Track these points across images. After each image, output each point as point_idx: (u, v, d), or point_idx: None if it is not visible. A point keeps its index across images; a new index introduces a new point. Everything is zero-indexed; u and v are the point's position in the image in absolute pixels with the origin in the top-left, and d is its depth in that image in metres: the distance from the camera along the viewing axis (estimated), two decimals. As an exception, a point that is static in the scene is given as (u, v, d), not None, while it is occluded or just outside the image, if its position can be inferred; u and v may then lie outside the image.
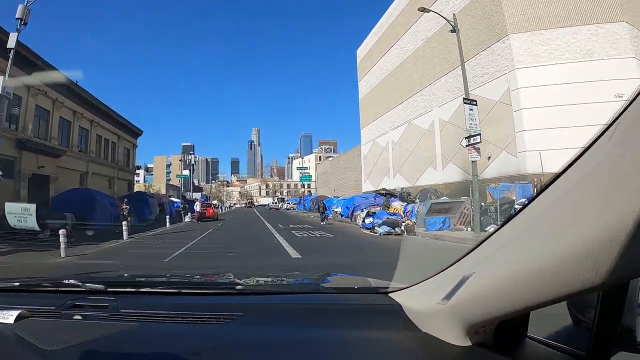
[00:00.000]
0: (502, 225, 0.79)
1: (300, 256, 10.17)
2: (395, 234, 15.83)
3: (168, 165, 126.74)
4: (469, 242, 10.18)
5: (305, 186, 64.40)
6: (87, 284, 1.49)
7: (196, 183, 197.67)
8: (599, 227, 0.51)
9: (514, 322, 0.86)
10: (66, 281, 1.58)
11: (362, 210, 22.78)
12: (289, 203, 71.94)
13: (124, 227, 15.76)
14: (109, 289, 1.43)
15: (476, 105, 14.92)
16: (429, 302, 0.99)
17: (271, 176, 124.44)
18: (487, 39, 22.41)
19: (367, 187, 39.82)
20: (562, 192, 0.62)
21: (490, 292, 0.75)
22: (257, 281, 1.84)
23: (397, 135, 33.94)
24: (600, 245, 0.51)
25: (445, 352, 0.90)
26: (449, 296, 0.88)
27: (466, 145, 14.57)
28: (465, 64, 16.08)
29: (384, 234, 16.01)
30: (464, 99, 15.09)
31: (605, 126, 0.56)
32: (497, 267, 0.74)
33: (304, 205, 55.20)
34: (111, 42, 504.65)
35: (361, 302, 1.32)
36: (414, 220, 17.78)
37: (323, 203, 27.49)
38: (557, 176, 0.64)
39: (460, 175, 22.82)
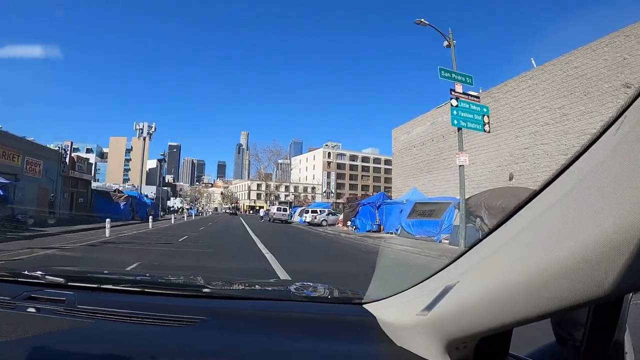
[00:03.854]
0: (489, 233, 0.73)
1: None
2: None
3: (128, 151, 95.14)
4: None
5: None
6: (46, 276, 1.44)
7: (182, 184, 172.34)
8: (599, 233, 0.47)
9: (496, 339, 0.81)
10: (26, 272, 1.52)
11: None
12: (314, 212, 37.07)
13: None
14: (69, 283, 1.37)
15: None
16: (407, 313, 0.93)
17: (259, 178, 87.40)
18: None
19: None
20: (557, 197, 0.57)
21: (476, 304, 0.70)
22: (226, 285, 1.77)
23: None
24: (601, 253, 0.47)
25: None
26: (429, 307, 0.83)
27: None
28: None
29: None
30: None
31: (608, 123, 0.51)
32: (483, 277, 0.69)
33: (402, 225, 20.88)
34: (110, 32, 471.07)
35: (334, 313, 1.27)
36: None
37: None
38: (552, 180, 0.60)
39: None
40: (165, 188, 77.37)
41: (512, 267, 0.61)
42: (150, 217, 24.73)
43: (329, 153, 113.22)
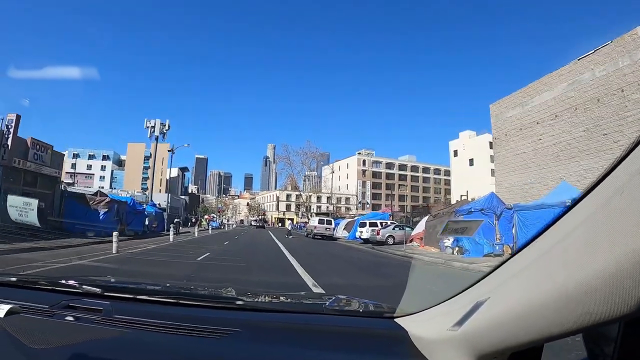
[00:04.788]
0: (521, 248, 0.75)
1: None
2: None
3: (147, 158, 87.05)
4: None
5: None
6: (83, 286, 1.45)
7: (209, 196, 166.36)
8: (629, 249, 0.48)
9: (527, 355, 0.80)
10: (63, 281, 1.55)
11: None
12: (374, 225, 26.19)
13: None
14: (105, 293, 1.39)
15: None
16: (439, 328, 0.93)
17: (291, 185, 73.76)
18: None
19: None
20: (588, 213, 0.59)
21: (506, 319, 0.70)
22: (259, 298, 1.76)
23: None
24: (631, 269, 0.48)
25: None
26: (460, 322, 0.84)
27: None
28: None
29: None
30: None
31: (635, 142, 0.55)
32: (515, 293, 0.70)
33: None
34: (134, 47, 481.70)
35: (365, 326, 1.27)
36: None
37: None
38: (583, 196, 0.61)
39: None
40: (183, 197, 68.31)
41: (543, 283, 0.62)
42: (115, 234, 13.93)
43: (364, 160, 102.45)
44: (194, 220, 49.94)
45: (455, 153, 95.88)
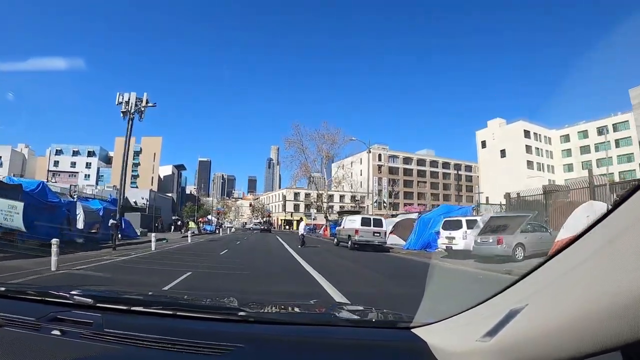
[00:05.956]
0: (560, 250, 0.68)
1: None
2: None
3: (137, 154, 76.49)
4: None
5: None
6: (74, 297, 1.34)
7: (210, 199, 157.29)
8: None
9: None
10: (53, 291, 1.47)
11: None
12: (472, 222, 14.55)
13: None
14: (97, 304, 1.31)
15: None
16: (465, 339, 0.87)
17: (304, 173, 59.33)
18: None
19: None
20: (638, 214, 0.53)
21: (549, 330, 0.63)
22: (263, 308, 1.65)
23: None
24: None
25: None
26: (492, 332, 0.76)
27: None
28: None
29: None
30: None
31: None
32: (557, 301, 0.63)
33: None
34: (135, 47, 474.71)
35: (379, 338, 1.19)
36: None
37: None
38: (631, 193, 0.56)
39: None
40: (170, 195, 57.70)
41: (592, 288, 0.55)
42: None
43: (379, 155, 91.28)
44: (179, 223, 39.12)
45: (484, 144, 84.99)
